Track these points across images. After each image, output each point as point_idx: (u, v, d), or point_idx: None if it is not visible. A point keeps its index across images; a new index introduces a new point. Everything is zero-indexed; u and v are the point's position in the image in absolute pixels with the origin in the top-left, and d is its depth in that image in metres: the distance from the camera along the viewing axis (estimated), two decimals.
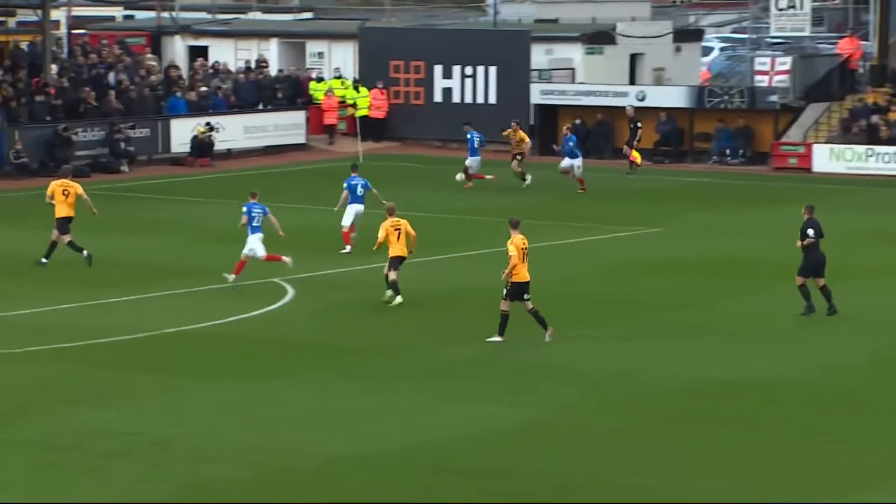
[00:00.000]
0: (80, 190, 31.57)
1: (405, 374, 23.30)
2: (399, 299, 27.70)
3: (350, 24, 57.11)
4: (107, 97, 48.76)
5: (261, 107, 52.51)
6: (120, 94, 49.19)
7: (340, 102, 53.19)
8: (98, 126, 47.59)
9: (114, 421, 20.52)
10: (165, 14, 58.36)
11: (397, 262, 27.73)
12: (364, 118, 51.81)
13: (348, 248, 32.89)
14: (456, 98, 52.27)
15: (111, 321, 26.70)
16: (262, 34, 57.48)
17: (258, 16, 61.63)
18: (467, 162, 42.89)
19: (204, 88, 51.19)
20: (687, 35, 55.97)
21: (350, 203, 32.91)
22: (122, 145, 47.70)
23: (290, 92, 53.45)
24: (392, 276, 27.78)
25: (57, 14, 55.62)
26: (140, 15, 62.18)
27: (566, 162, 42.78)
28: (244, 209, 29.65)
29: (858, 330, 26.60)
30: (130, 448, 19.29)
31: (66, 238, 31.07)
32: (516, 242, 24.87)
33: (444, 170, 45.61)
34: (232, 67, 54.37)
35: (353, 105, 52.94)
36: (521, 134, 43.67)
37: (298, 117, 52.34)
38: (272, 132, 51.55)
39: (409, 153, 51.43)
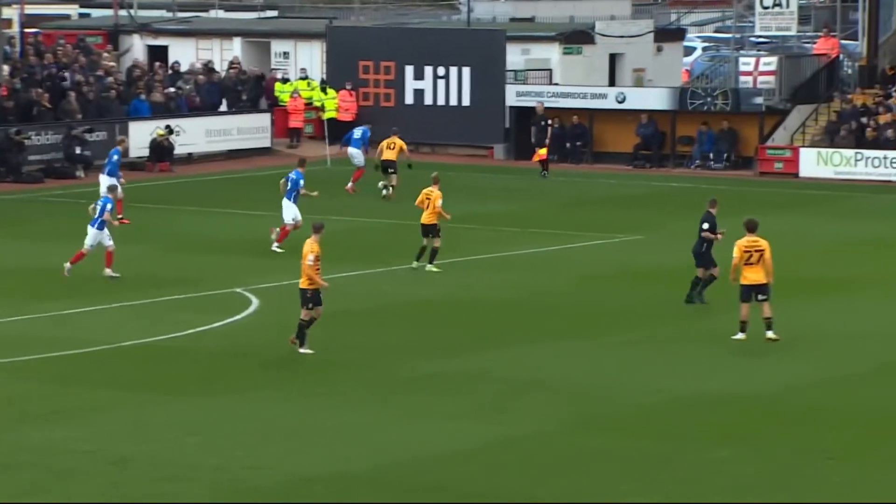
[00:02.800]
0: None
1: (372, 390, 22.75)
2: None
3: (317, 22, 56.29)
4: (65, 99, 46.95)
5: (224, 109, 50.86)
6: (77, 96, 47.40)
7: (307, 104, 51.77)
8: (52, 129, 45.79)
9: (70, 438, 20.09)
10: (123, 12, 56.68)
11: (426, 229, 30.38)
12: (332, 121, 50.49)
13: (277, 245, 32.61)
14: (428, 100, 50.96)
15: (67, 333, 26.05)
16: (225, 33, 56.26)
17: (220, 14, 59.99)
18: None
19: (172, 89, 49.56)
20: (668, 34, 55.23)
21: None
22: (78, 150, 45.87)
23: (254, 94, 51.90)
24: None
25: (9, 12, 53.95)
26: (97, 13, 60.55)
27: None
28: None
29: (855, 344, 25.69)
30: (87, 467, 18.90)
31: None
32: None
33: (415, 174, 44.26)
34: (194, 68, 52.79)
35: (321, 108, 51.42)
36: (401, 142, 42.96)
37: (263, 120, 50.85)
38: (235, 136, 50.10)
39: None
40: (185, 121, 48.80)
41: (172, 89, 50.05)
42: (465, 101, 50.59)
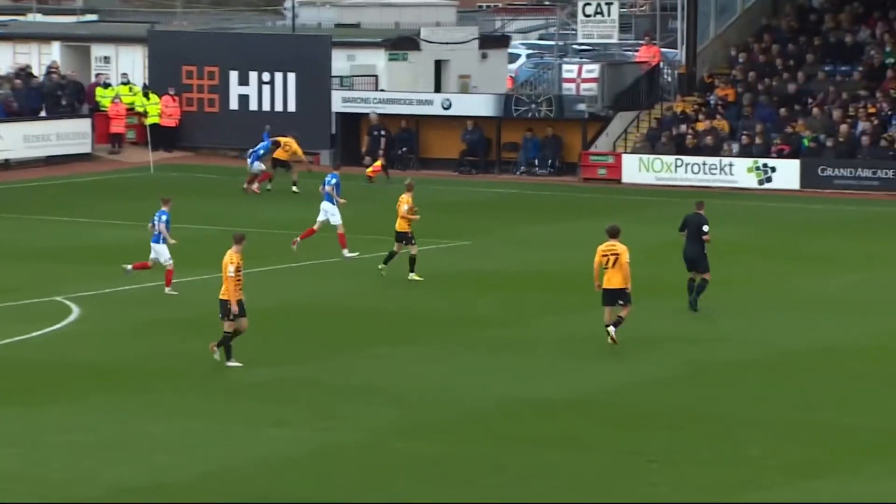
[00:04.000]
0: None
1: (199, 398, 22.39)
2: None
3: (139, 27, 55.31)
4: None
5: (43, 114, 49.70)
6: None
7: (129, 110, 50.94)
8: None
9: None
10: None
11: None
12: (154, 126, 49.70)
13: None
14: (253, 105, 50.46)
15: None
16: (43, 37, 55.04)
17: (38, 17, 58.71)
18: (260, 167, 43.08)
19: None
20: (493, 41, 55.48)
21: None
22: None
23: (73, 98, 50.81)
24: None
25: None
26: None
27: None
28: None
29: (674, 346, 25.94)
30: None
31: None
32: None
33: (242, 181, 43.86)
34: (9, 72, 51.55)
35: (143, 113, 50.58)
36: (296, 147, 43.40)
37: (83, 125, 49.81)
38: (54, 141, 48.97)
39: (204, 163, 49.98)
40: (1, 126, 47.59)
41: None
42: (291, 107, 50.20)
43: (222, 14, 60.39)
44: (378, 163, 46.51)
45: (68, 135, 49.37)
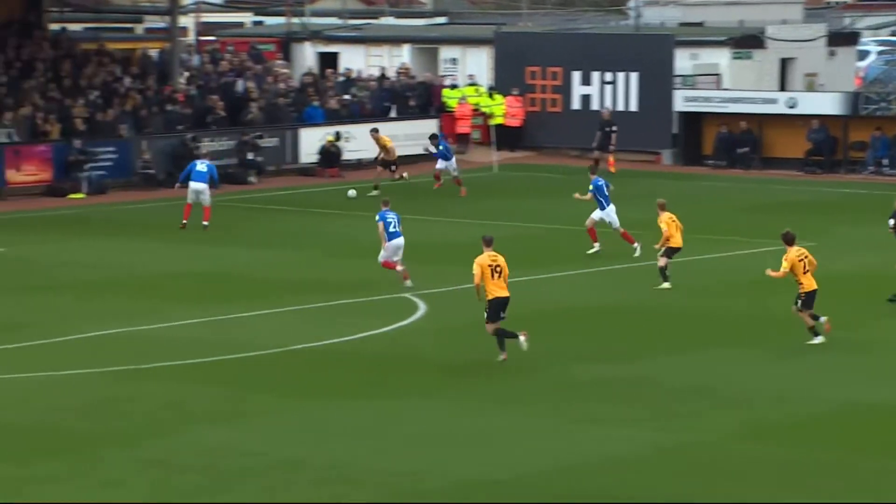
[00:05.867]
0: None
1: (541, 395, 22.59)
2: (666, 285, 29.07)
3: (485, 28, 56.18)
4: (239, 107, 47.78)
5: (393, 115, 51.24)
6: (250, 103, 48.23)
7: (474, 110, 51.91)
8: (226, 136, 46.59)
9: (238, 441, 20.16)
10: (296, 19, 57.47)
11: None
12: (499, 126, 50.49)
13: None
14: (595, 105, 50.77)
15: (239, 337, 26.19)
16: (394, 40, 56.65)
17: (390, 21, 60.51)
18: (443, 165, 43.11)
19: (347, 97, 50.18)
20: (841, 38, 54.26)
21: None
22: (251, 155, 46.68)
23: (422, 100, 52.19)
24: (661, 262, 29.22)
25: (185, 21, 55.00)
26: (270, 21, 61.52)
27: (441, 164, 42.94)
28: (378, 218, 30.00)
29: None
30: (256, 469, 18.93)
31: None
32: (482, 261, 24.05)
33: (583, 180, 44.11)
34: (363, 74, 53.35)
35: (488, 113, 51.53)
36: (384, 140, 43.34)
37: (431, 126, 51.01)
38: (403, 141, 50.30)
39: (546, 163, 50.31)
40: (354, 127, 49.26)
41: (347, 96, 50.63)
42: (633, 107, 50.28)
43: (567, 15, 60.88)
44: (611, 158, 46.12)
45: (416, 135, 50.72)
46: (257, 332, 26.61)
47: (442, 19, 62.31)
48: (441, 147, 43.64)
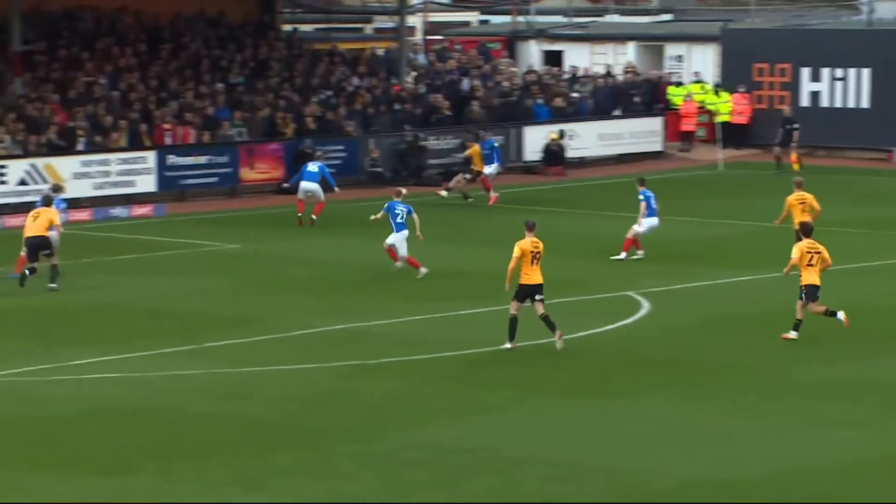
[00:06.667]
0: (54, 218, 30.26)
1: (766, 395, 22.23)
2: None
3: (711, 25, 55.45)
4: (466, 106, 48.22)
5: (618, 113, 51.11)
6: (476, 101, 48.62)
7: (700, 108, 51.41)
8: (451, 134, 47.04)
9: (463, 437, 20.28)
10: (521, 18, 57.69)
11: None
12: (725, 124, 49.90)
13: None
14: (825, 102, 49.82)
15: (461, 334, 26.42)
16: (619, 38, 56.46)
17: (615, 18, 60.29)
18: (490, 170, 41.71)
19: (575, 95, 50.26)
20: None
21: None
22: None
23: (647, 97, 51.94)
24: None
25: (413, 20, 55.69)
26: (495, 20, 61.88)
27: (488, 169, 41.85)
28: (385, 208, 31.12)
29: None
30: (481, 465, 19.01)
31: (34, 263, 29.98)
32: (523, 245, 24.35)
33: (810, 180, 43.34)
34: (588, 72, 53.32)
35: (714, 111, 51.00)
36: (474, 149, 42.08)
37: (655, 124, 50.81)
38: (627, 139, 50.22)
39: (772, 161, 49.17)
40: (578, 125, 49.28)
41: (576, 94, 50.68)
42: (864, 103, 49.19)
43: (796, 10, 59.85)
44: (794, 155, 45.05)
45: (641, 133, 50.51)
46: (477, 329, 26.76)
47: (667, 16, 61.83)
48: (488, 150, 42.11)
